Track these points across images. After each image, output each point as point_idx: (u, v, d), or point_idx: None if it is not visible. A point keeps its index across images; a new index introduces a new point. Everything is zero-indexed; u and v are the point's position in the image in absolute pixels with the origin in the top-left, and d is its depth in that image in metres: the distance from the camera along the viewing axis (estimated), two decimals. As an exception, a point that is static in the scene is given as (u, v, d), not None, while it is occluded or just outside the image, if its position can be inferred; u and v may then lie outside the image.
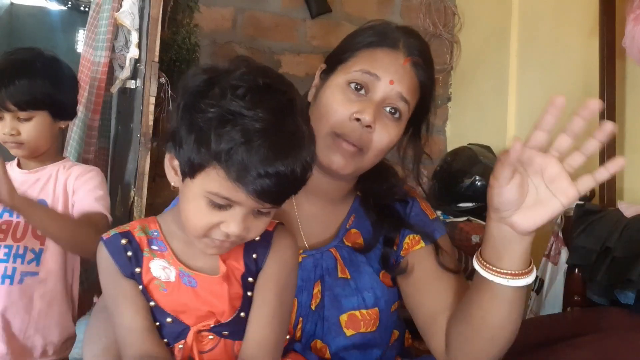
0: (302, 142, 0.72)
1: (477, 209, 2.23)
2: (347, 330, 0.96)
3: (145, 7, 1.84)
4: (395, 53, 0.96)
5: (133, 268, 0.80)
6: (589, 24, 1.99)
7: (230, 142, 0.68)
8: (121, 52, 1.92)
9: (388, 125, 0.95)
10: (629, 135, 1.88)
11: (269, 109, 0.69)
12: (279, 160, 0.69)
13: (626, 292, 1.53)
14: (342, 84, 0.96)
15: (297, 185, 0.74)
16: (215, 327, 0.81)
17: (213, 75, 0.73)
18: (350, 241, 1.01)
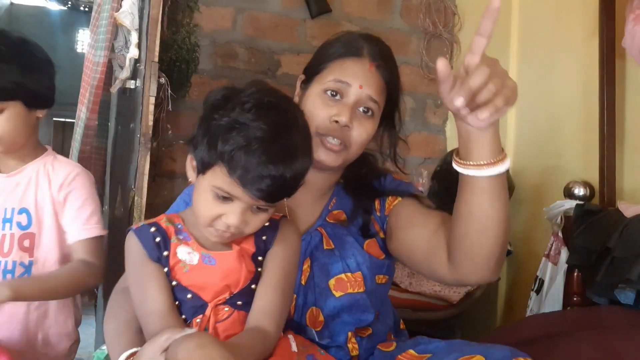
0: (295, 153, 0.87)
1: (477, 209, 2.23)
2: (336, 292, 1.08)
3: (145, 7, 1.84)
4: (361, 60, 1.12)
5: (161, 252, 0.92)
6: (589, 24, 1.99)
7: (233, 144, 0.83)
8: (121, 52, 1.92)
9: (363, 123, 1.11)
10: (628, 135, 1.88)
11: (270, 123, 0.85)
12: (272, 164, 0.84)
13: (626, 292, 1.53)
14: (320, 92, 1.12)
15: (287, 189, 0.89)
16: (230, 299, 0.92)
17: (229, 92, 0.90)
18: (333, 218, 1.16)
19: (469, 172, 0.89)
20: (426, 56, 2.77)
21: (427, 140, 2.82)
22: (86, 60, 1.94)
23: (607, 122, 1.83)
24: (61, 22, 8.14)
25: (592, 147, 1.89)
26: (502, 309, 2.38)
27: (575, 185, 1.85)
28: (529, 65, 2.35)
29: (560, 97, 2.16)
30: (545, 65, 2.25)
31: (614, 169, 1.83)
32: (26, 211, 1.35)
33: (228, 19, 2.54)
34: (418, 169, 2.56)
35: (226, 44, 2.53)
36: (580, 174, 1.94)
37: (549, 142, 2.19)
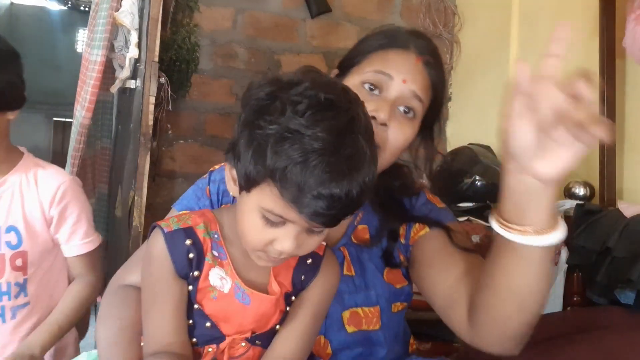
0: (361, 163, 0.70)
1: (477, 209, 2.23)
2: (349, 327, 0.96)
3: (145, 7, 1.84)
4: (407, 53, 0.98)
5: (192, 271, 0.80)
6: (589, 24, 1.99)
7: (286, 160, 0.67)
8: (121, 52, 1.92)
9: (403, 124, 0.96)
10: (628, 135, 1.88)
11: (329, 128, 0.68)
12: (335, 182, 0.67)
13: (626, 292, 1.53)
14: (357, 84, 0.97)
15: (352, 207, 0.72)
16: (250, 338, 0.83)
17: (276, 88, 0.72)
18: (357, 238, 1.02)
19: (518, 239, 0.71)
20: (426, 56, 2.77)
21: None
22: (83, 59, 1.94)
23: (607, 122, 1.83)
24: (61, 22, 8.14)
25: (592, 147, 1.88)
26: (502, 309, 2.38)
27: (575, 185, 1.85)
28: (529, 65, 2.34)
29: (560, 97, 2.16)
30: (545, 65, 2.25)
31: (614, 169, 1.83)
32: (15, 229, 1.26)
33: (228, 19, 2.54)
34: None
35: (226, 44, 2.53)
36: (580, 174, 1.94)
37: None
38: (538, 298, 0.76)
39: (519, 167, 0.67)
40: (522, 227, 0.71)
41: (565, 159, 0.64)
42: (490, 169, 2.23)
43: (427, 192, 1.08)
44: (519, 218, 0.71)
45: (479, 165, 2.23)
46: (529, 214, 0.70)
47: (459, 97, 2.81)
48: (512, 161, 0.68)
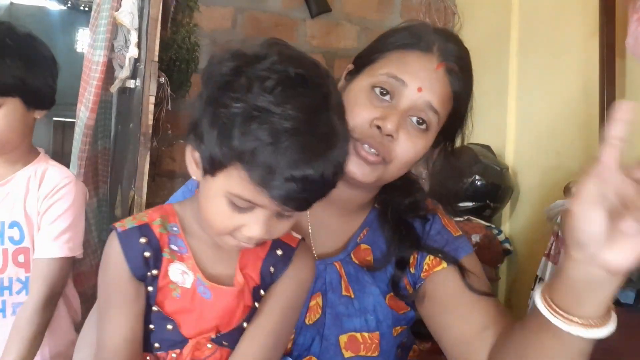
0: (334, 142, 0.65)
1: (477, 208, 2.23)
2: (346, 352, 0.90)
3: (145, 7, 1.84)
4: (428, 57, 0.88)
5: (149, 270, 0.74)
6: (589, 24, 1.99)
7: (255, 141, 0.62)
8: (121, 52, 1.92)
9: (413, 136, 0.87)
10: (629, 135, 1.88)
11: (301, 106, 0.63)
12: (309, 163, 0.63)
13: (626, 292, 1.53)
14: (367, 87, 0.88)
15: (326, 189, 0.68)
16: (216, 338, 0.77)
17: (241, 62, 0.67)
18: (358, 258, 0.95)
19: (569, 329, 0.66)
20: (426, 56, 2.77)
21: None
22: (85, 60, 1.94)
23: (607, 122, 1.83)
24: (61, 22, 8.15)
25: (592, 147, 1.88)
26: (502, 309, 2.38)
27: (575, 185, 1.85)
28: (529, 65, 2.34)
29: (560, 97, 2.16)
30: (545, 65, 2.25)
31: (614, 169, 1.83)
32: (17, 225, 1.28)
33: (228, 18, 2.54)
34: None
35: (226, 44, 2.53)
36: (580, 174, 1.94)
37: (549, 142, 2.19)
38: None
39: (587, 256, 0.62)
40: (576, 317, 0.66)
41: (637, 248, 0.58)
42: (490, 168, 2.23)
43: (442, 216, 0.99)
44: (574, 308, 0.66)
45: (479, 165, 2.23)
46: (586, 305, 0.65)
47: (459, 97, 2.81)
48: (579, 250, 0.63)
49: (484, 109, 2.58)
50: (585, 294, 0.64)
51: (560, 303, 0.67)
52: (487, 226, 2.20)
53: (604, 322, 0.66)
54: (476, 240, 2.08)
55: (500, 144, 2.42)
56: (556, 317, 0.66)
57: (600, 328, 0.66)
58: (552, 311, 0.67)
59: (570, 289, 0.66)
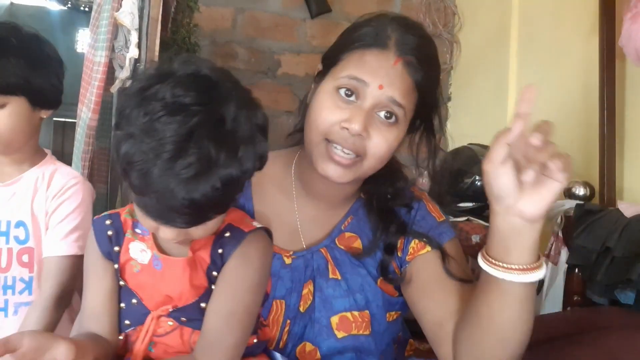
0: (203, 170, 0.68)
1: (477, 209, 2.23)
2: (338, 332, 0.93)
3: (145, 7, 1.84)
4: (385, 54, 0.90)
5: (112, 247, 0.83)
6: (589, 24, 1.99)
7: (130, 164, 0.69)
8: (121, 52, 1.92)
9: (383, 131, 0.90)
10: (629, 135, 1.88)
11: (170, 135, 0.67)
12: (172, 194, 0.67)
13: (626, 292, 1.53)
14: (331, 89, 0.91)
15: (207, 211, 0.72)
16: (174, 312, 0.81)
17: (145, 84, 0.72)
18: (344, 244, 0.98)
19: (504, 276, 0.75)
20: (426, 56, 2.77)
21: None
22: (86, 60, 1.94)
23: (607, 122, 1.83)
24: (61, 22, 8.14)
25: (592, 147, 1.89)
26: (502, 309, 2.38)
27: (575, 185, 1.85)
28: (529, 65, 2.35)
29: (560, 97, 2.16)
30: (545, 65, 2.25)
31: (614, 169, 1.83)
32: (23, 224, 1.28)
33: (228, 19, 2.54)
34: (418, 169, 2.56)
35: (226, 44, 2.53)
36: (580, 174, 1.94)
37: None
38: (521, 332, 0.80)
39: (505, 208, 0.72)
40: (507, 264, 0.75)
41: (544, 196, 0.69)
42: (490, 169, 2.23)
43: (427, 202, 1.03)
44: (505, 256, 0.75)
45: (479, 165, 2.21)
46: (514, 252, 0.74)
47: (459, 97, 2.81)
48: (498, 203, 0.73)
49: (484, 109, 2.59)
50: (511, 242, 0.74)
51: (494, 255, 0.76)
52: (487, 226, 2.20)
53: (535, 267, 0.75)
54: (476, 240, 2.08)
55: (500, 144, 2.42)
56: (492, 267, 0.76)
57: (532, 272, 0.74)
58: (489, 263, 0.76)
59: (498, 239, 0.75)
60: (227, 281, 0.80)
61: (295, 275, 0.96)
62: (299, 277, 0.95)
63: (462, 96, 2.78)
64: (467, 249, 2.07)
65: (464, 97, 2.76)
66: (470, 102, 2.71)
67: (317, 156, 0.91)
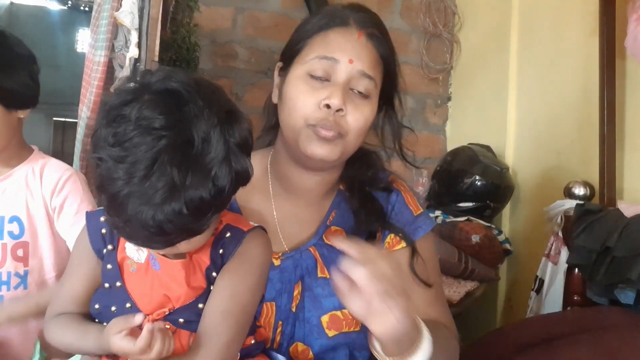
0: (167, 195, 0.68)
1: (477, 209, 2.23)
2: (329, 331, 0.94)
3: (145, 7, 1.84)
4: (348, 30, 0.94)
5: (105, 245, 0.83)
6: (589, 24, 1.99)
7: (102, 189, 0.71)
8: (121, 52, 1.92)
9: (360, 105, 0.93)
10: (629, 135, 1.88)
11: (134, 162, 0.68)
12: (137, 219, 0.68)
13: (626, 292, 1.53)
14: (302, 75, 0.93)
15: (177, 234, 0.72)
16: (171, 315, 0.80)
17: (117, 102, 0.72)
18: (330, 239, 0.97)
19: None
20: (426, 56, 2.77)
21: (427, 140, 2.81)
22: (87, 60, 1.94)
23: (607, 122, 1.83)
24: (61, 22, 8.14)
25: (592, 147, 1.88)
26: (502, 308, 2.38)
27: (575, 185, 1.85)
28: (529, 65, 2.35)
29: (560, 97, 2.16)
30: (545, 65, 2.25)
31: (614, 169, 1.83)
32: (17, 219, 1.29)
33: (228, 18, 2.54)
34: (418, 169, 2.56)
35: (226, 44, 2.53)
36: (580, 174, 1.94)
37: (549, 142, 2.19)
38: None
39: None
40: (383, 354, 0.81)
41: (381, 325, 0.76)
42: (490, 168, 2.23)
43: (405, 194, 1.03)
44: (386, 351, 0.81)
45: (479, 165, 2.23)
46: (390, 349, 0.80)
47: (459, 97, 2.81)
48: None
49: (484, 109, 2.59)
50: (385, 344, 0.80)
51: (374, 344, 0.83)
52: (487, 226, 2.20)
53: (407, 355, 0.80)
54: (476, 240, 2.08)
55: (500, 144, 2.42)
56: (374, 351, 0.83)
57: None
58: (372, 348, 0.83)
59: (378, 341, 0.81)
60: (227, 280, 0.80)
61: (284, 276, 0.96)
62: (289, 277, 0.95)
63: (462, 96, 2.78)
64: (467, 248, 2.08)
65: (464, 97, 2.77)
66: (470, 102, 2.71)
67: (303, 141, 0.92)
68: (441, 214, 2.28)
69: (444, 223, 2.22)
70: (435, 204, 2.33)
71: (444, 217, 2.26)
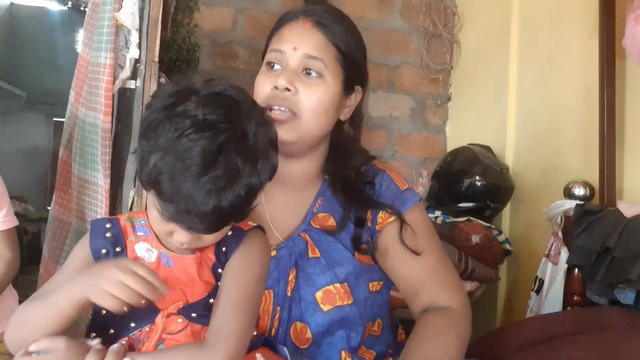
0: (230, 181, 0.77)
1: (477, 209, 2.23)
2: (324, 306, 0.99)
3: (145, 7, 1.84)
4: (296, 22, 1.04)
5: (113, 247, 0.87)
6: (589, 24, 1.99)
7: (160, 177, 0.76)
8: (121, 52, 1.91)
9: (311, 84, 1.01)
10: (629, 135, 1.88)
11: (201, 151, 0.75)
12: (200, 201, 0.75)
13: (626, 292, 1.53)
14: (263, 68, 1.06)
15: (228, 219, 0.81)
16: (184, 309, 0.85)
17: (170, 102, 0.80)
18: (318, 224, 1.05)
19: None
20: (426, 56, 2.77)
21: (427, 140, 2.81)
22: (80, 59, 1.93)
23: (607, 122, 1.83)
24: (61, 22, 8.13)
25: (592, 147, 1.88)
26: (502, 309, 2.38)
27: (575, 185, 1.85)
28: (529, 65, 2.34)
29: (560, 97, 2.16)
30: (545, 65, 2.25)
31: (614, 169, 1.83)
32: None
33: (228, 19, 2.54)
34: (418, 169, 2.56)
35: (226, 44, 2.53)
36: (580, 174, 1.94)
37: (549, 142, 2.19)
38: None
39: None
40: None
41: None
42: (490, 169, 2.23)
43: (390, 172, 1.10)
44: None
45: (479, 165, 2.23)
46: None
47: (459, 97, 2.81)
48: None
49: (484, 109, 2.59)
50: None
51: None
52: (487, 226, 2.20)
53: None
54: (476, 240, 2.08)
55: (500, 144, 2.42)
56: None
57: None
58: None
59: None
60: (231, 275, 0.86)
61: (280, 264, 1.01)
62: (285, 265, 1.01)
63: (462, 96, 2.78)
64: (467, 249, 2.08)
65: (464, 97, 2.77)
66: (470, 102, 2.71)
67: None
68: (441, 214, 2.28)
69: (444, 223, 2.23)
70: (435, 204, 2.33)
71: (444, 217, 2.26)
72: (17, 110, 6.88)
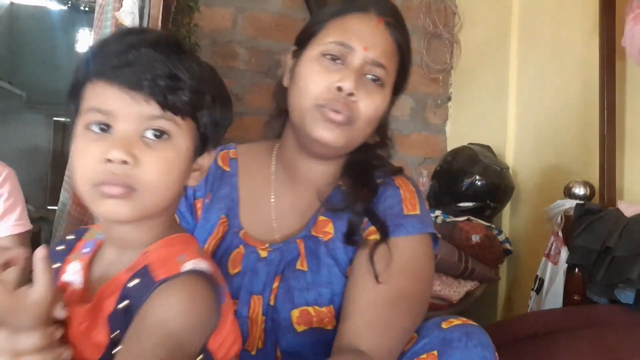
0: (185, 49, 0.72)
1: (477, 208, 2.23)
2: (298, 326, 0.89)
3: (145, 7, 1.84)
4: (367, 16, 0.94)
5: (57, 262, 0.74)
6: (589, 24, 1.99)
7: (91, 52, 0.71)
8: (121, 52, 1.92)
9: (372, 92, 0.92)
10: (629, 135, 1.88)
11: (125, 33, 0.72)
12: (124, 35, 0.70)
13: (626, 292, 1.53)
14: (317, 55, 0.92)
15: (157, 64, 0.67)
16: None
17: None
18: (318, 231, 0.95)
19: None
20: (426, 56, 2.77)
21: (427, 140, 2.82)
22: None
23: (607, 122, 1.83)
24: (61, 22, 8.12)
25: (592, 146, 1.88)
26: (502, 308, 2.38)
27: (575, 185, 1.85)
28: (529, 65, 2.35)
29: (560, 97, 2.16)
30: (545, 65, 2.25)
31: (614, 169, 1.83)
32: None
33: (228, 19, 2.54)
34: (418, 169, 2.56)
35: (226, 44, 2.53)
36: (580, 173, 1.94)
37: (549, 142, 2.19)
38: None
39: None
40: None
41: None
42: (490, 168, 2.23)
43: (403, 192, 0.96)
44: None
45: (479, 165, 2.23)
46: None
47: (459, 97, 2.81)
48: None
49: (484, 109, 2.59)
50: None
51: None
52: (487, 226, 2.20)
53: None
54: (476, 240, 2.08)
55: (500, 144, 2.42)
56: None
57: None
58: None
59: None
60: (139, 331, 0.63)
61: (270, 268, 0.93)
62: (274, 270, 0.92)
63: (462, 96, 2.78)
64: (467, 248, 2.08)
65: (464, 97, 2.77)
66: (470, 102, 2.71)
67: (310, 122, 0.91)
68: (441, 213, 2.28)
69: (444, 223, 2.23)
70: (435, 203, 2.33)
71: (444, 217, 2.27)
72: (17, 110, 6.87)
